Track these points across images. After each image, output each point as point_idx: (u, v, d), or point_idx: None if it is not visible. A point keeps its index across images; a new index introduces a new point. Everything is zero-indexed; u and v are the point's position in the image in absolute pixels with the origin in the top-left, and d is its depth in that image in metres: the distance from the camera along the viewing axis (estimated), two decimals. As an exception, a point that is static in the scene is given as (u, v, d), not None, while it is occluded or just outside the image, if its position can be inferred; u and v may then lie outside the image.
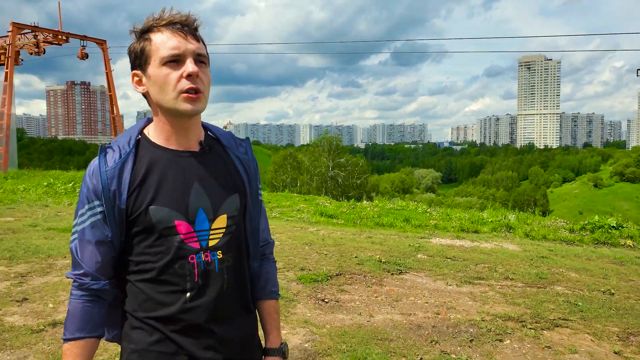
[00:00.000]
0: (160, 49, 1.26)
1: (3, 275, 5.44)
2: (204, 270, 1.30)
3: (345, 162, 46.39)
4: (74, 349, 1.29)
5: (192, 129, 1.34)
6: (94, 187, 1.28)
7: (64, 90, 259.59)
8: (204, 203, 1.31)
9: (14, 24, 27.29)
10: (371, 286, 5.48)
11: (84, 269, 1.31)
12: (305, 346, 3.80)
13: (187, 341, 1.30)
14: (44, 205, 11.68)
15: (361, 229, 9.56)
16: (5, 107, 26.44)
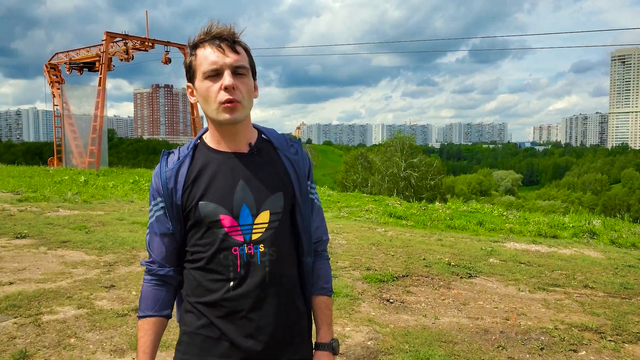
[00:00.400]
0: (202, 64, 1.38)
1: (94, 264, 5.96)
2: (246, 262, 1.39)
3: (418, 162, 45.50)
4: (144, 325, 1.47)
5: (240, 133, 1.45)
6: (157, 185, 1.46)
7: (149, 93, 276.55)
8: (248, 199, 1.41)
9: (107, 33, 29.56)
10: (438, 289, 5.40)
11: (152, 257, 1.49)
12: (368, 344, 3.84)
13: (229, 328, 1.40)
14: (130, 201, 12.57)
15: (431, 231, 9.40)
16: (99, 110, 28.70)
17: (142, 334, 1.46)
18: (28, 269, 5.59)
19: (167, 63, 32.27)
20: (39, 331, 3.86)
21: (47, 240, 7.11)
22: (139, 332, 1.47)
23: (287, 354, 1.46)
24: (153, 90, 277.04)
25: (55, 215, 9.57)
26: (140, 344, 1.46)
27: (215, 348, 1.41)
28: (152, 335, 1.46)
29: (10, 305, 4.38)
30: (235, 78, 1.37)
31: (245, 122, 1.45)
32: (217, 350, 1.41)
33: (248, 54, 1.44)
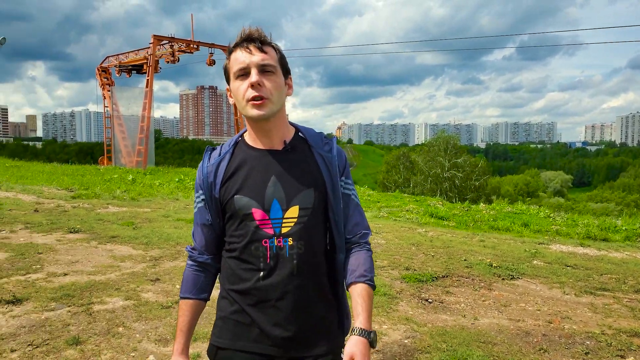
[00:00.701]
0: (233, 66, 1.47)
1: (141, 258, 6.20)
2: (275, 254, 1.46)
3: (462, 162, 44.52)
4: (183, 305, 1.60)
5: (273, 130, 1.51)
6: (199, 179, 1.57)
7: (195, 95, 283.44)
8: (279, 195, 1.48)
9: (154, 37, 30.56)
10: (479, 290, 5.32)
11: (194, 245, 1.62)
12: (405, 342, 3.83)
13: (258, 315, 1.48)
14: (175, 198, 12.97)
15: (474, 232, 9.23)
16: (146, 110, 29.71)
17: (181, 314, 1.60)
18: (80, 262, 5.88)
19: (211, 65, 33.01)
20: (90, 319, 4.07)
21: (98, 235, 7.45)
22: (179, 311, 1.61)
23: (314, 344, 1.50)
24: (198, 91, 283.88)
25: (105, 211, 10.00)
26: (179, 322, 1.59)
27: (246, 333, 1.50)
28: (189, 315, 1.59)
29: (64, 294, 4.63)
30: (262, 76, 1.44)
31: (278, 119, 1.51)
32: (248, 335, 1.50)
33: (278, 53, 1.51)
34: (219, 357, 1.53)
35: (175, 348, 1.58)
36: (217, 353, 1.54)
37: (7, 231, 7.50)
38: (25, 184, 15.13)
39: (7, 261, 5.74)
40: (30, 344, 3.57)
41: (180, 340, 1.58)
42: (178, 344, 1.58)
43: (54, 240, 7.02)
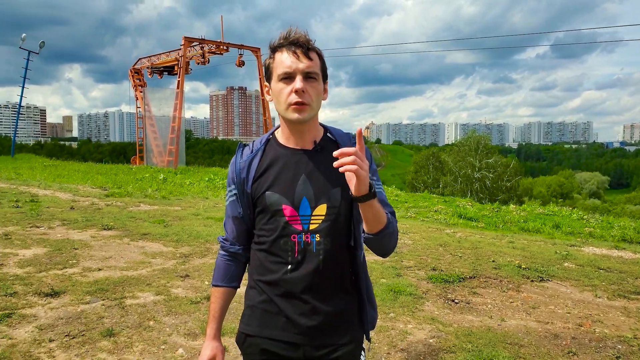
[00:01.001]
0: (278, 67, 1.51)
1: (171, 255, 6.36)
2: (303, 249, 1.54)
3: (493, 162, 43.75)
4: (216, 293, 1.70)
5: (306, 131, 1.58)
6: (232, 174, 1.64)
7: (224, 95, 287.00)
8: (308, 193, 1.54)
9: (185, 38, 31.11)
10: (506, 291, 5.25)
11: (226, 236, 1.71)
12: (430, 342, 3.83)
13: (286, 305, 1.56)
14: (205, 197, 13.20)
15: (503, 233, 9.10)
16: (177, 111, 30.29)
17: (213, 300, 1.70)
18: (113, 258, 6.08)
19: (240, 66, 33.40)
20: (123, 313, 4.22)
21: (130, 232, 7.67)
22: (211, 298, 1.71)
23: (336, 334, 1.58)
24: (228, 92, 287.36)
25: (137, 209, 10.28)
26: (211, 309, 1.69)
27: (273, 322, 1.58)
28: (221, 302, 1.69)
29: (99, 288, 4.80)
30: (305, 82, 1.49)
31: (312, 121, 1.57)
32: (276, 324, 1.57)
33: (321, 60, 1.56)
34: (247, 343, 1.61)
35: (208, 333, 1.67)
36: (245, 340, 1.62)
37: (46, 227, 7.80)
38: (62, 182, 15.68)
39: (45, 256, 5.97)
40: (67, 335, 3.72)
41: (213, 326, 1.67)
42: (211, 329, 1.67)
43: (89, 236, 7.27)
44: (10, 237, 6.95)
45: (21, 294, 4.58)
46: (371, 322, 1.67)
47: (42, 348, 3.49)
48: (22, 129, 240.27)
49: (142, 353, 3.49)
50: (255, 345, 1.59)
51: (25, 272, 5.28)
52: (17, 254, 6.03)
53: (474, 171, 43.88)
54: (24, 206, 9.91)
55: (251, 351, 1.60)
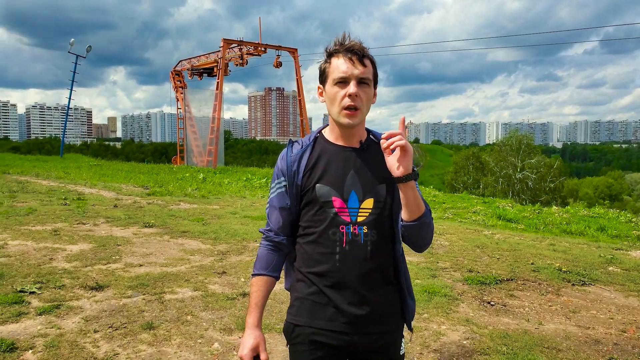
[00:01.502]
0: (334, 72, 1.61)
1: (209, 252, 6.52)
2: (351, 240, 1.61)
3: (536, 163, 42.52)
4: (258, 282, 1.73)
5: (355, 132, 1.68)
6: (282, 167, 1.72)
7: (262, 96, 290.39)
8: (356, 187, 1.64)
9: (224, 40, 31.67)
10: (545, 294, 5.13)
11: (270, 226, 1.75)
12: (464, 343, 3.79)
13: (335, 295, 1.62)
14: (243, 196, 13.43)
15: (543, 235, 8.86)
16: (216, 112, 30.88)
17: (255, 290, 1.72)
18: (154, 254, 6.29)
19: (278, 67, 33.72)
20: (162, 307, 4.37)
21: (170, 230, 7.91)
22: (252, 287, 1.74)
23: (382, 323, 1.65)
24: (266, 93, 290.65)
25: (177, 208, 10.57)
26: (253, 298, 1.72)
27: (323, 312, 1.64)
28: (263, 291, 1.72)
29: (140, 284, 4.98)
30: (358, 87, 1.59)
31: (361, 124, 1.68)
32: (325, 314, 1.63)
33: (373, 67, 1.66)
34: (296, 333, 1.67)
35: (250, 322, 1.69)
36: (294, 330, 1.68)
37: (91, 224, 8.14)
38: (106, 181, 16.28)
39: (91, 251, 6.25)
40: (111, 326, 3.89)
41: (255, 314, 1.70)
42: (252, 317, 1.69)
43: (131, 233, 7.54)
44: (59, 233, 7.30)
45: (69, 287, 4.82)
46: (411, 313, 1.74)
47: (87, 338, 3.67)
48: (70, 129, 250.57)
49: (180, 346, 3.61)
50: (304, 335, 1.64)
51: (72, 266, 5.53)
52: (65, 249, 6.33)
53: (515, 172, 42.80)
54: (71, 204, 10.37)
55: (300, 340, 1.65)
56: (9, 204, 10.03)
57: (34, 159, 29.68)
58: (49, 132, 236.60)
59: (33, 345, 3.49)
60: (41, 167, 21.67)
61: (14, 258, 5.76)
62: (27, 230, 7.44)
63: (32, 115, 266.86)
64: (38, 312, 4.11)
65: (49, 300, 4.39)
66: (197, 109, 35.02)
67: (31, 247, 6.33)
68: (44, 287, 4.74)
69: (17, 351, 3.39)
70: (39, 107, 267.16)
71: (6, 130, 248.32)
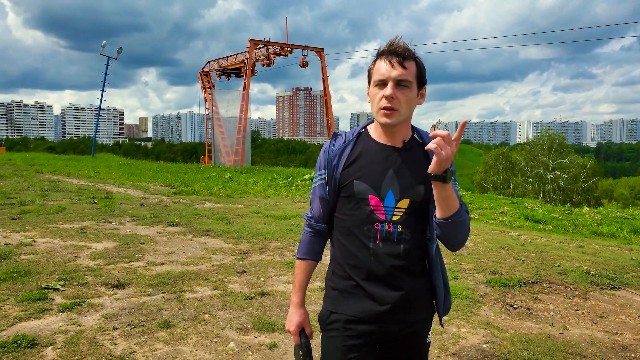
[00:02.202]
0: (375, 74, 1.67)
1: (230, 251, 6.56)
2: (385, 237, 1.68)
3: (569, 162, 41.39)
4: (302, 265, 1.88)
5: (397, 131, 1.71)
6: (323, 160, 1.79)
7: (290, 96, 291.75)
8: (394, 186, 1.68)
9: (251, 41, 31.93)
10: (572, 298, 4.96)
11: (312, 214, 1.87)
12: (484, 347, 3.69)
13: (370, 287, 1.70)
14: (267, 196, 13.49)
15: (572, 237, 8.59)
16: (243, 112, 31.15)
17: (299, 272, 1.88)
18: (176, 253, 6.36)
19: (304, 67, 33.80)
20: (180, 306, 4.40)
21: (194, 229, 7.99)
22: (296, 269, 1.89)
23: (412, 312, 1.73)
24: (293, 93, 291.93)
25: (202, 207, 10.69)
26: (297, 280, 1.88)
27: (358, 301, 1.72)
28: (306, 274, 1.88)
29: (160, 282, 5.04)
30: (396, 89, 1.63)
31: (403, 124, 1.71)
32: (360, 304, 1.72)
33: (418, 68, 1.68)
34: (332, 319, 1.76)
35: (295, 301, 1.86)
36: (330, 316, 1.77)
37: (117, 223, 8.30)
38: (135, 180, 16.60)
39: (114, 249, 6.36)
40: (129, 324, 3.94)
41: (300, 294, 1.86)
42: (297, 297, 1.86)
43: (155, 232, 7.65)
44: (86, 231, 7.47)
45: (91, 284, 4.91)
46: (446, 306, 1.81)
47: (106, 335, 3.72)
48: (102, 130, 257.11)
49: (196, 345, 3.63)
50: (339, 322, 1.73)
51: (96, 264, 5.64)
52: (90, 247, 6.46)
53: (547, 171, 41.78)
54: (99, 202, 10.60)
55: (335, 327, 1.74)
56: (40, 202, 10.33)
57: (67, 158, 30.52)
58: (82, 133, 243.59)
59: (53, 342, 3.57)
60: (73, 166, 22.26)
61: (40, 255, 5.92)
62: (56, 228, 7.64)
63: (67, 116, 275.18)
64: (60, 308, 4.20)
65: (72, 297, 4.48)
66: (225, 109, 35.43)
67: (58, 245, 6.49)
68: (68, 284, 4.85)
69: (37, 347, 3.47)
70: (73, 108, 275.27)
71: (43, 130, 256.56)
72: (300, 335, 1.84)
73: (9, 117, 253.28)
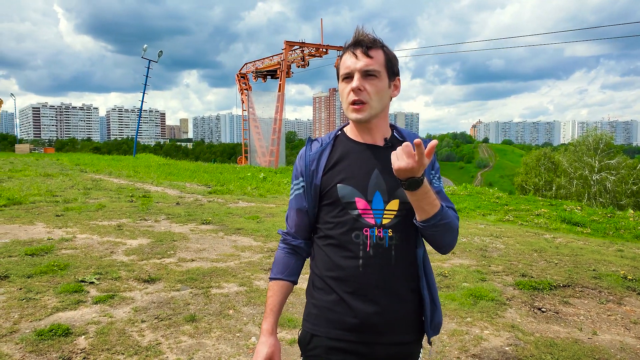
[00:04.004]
0: (341, 68, 1.57)
1: (259, 249, 6.68)
2: (375, 243, 1.51)
3: (616, 164, 39.76)
4: (274, 286, 1.66)
5: (375, 128, 1.59)
6: (300, 167, 1.64)
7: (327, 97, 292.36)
8: (381, 187, 1.53)
9: (286, 42, 32.24)
10: (605, 303, 4.80)
11: (287, 229, 1.70)
12: (506, 349, 3.63)
13: (355, 303, 1.51)
14: (300, 196, 13.58)
15: (612, 240, 8.28)
16: (278, 113, 31.48)
17: (272, 294, 1.66)
18: (207, 250, 6.53)
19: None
20: (207, 301, 4.53)
21: (225, 227, 8.17)
22: (269, 291, 1.67)
23: (403, 332, 1.56)
24: (330, 93, 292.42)
25: (235, 206, 10.89)
26: (269, 303, 1.65)
27: (342, 320, 1.54)
28: (279, 296, 1.65)
29: (189, 278, 5.20)
30: (364, 80, 1.51)
31: (380, 119, 1.59)
32: (345, 322, 1.53)
33: (386, 56, 1.56)
34: (313, 344, 1.57)
35: (265, 328, 1.61)
36: (311, 340, 1.58)
37: (152, 220, 8.58)
38: (172, 180, 17.06)
39: (148, 246, 6.59)
40: (157, 317, 4.09)
41: (270, 320, 1.62)
42: (268, 323, 1.62)
43: (188, 230, 7.86)
44: (122, 228, 7.76)
45: (124, 278, 5.11)
46: (435, 324, 1.61)
47: (134, 327, 3.88)
48: (144, 131, 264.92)
49: (219, 339, 3.73)
50: (321, 347, 1.55)
51: (130, 259, 5.87)
52: (125, 243, 6.72)
53: (592, 172, 40.28)
54: (137, 201, 10.98)
55: (317, 352, 1.56)
56: (82, 200, 10.79)
57: (110, 158, 31.67)
58: (126, 134, 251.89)
59: (86, 332, 3.75)
60: (115, 166, 23.08)
61: (79, 250, 6.20)
62: (95, 225, 7.97)
63: (111, 117, 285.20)
64: (94, 301, 4.41)
65: (105, 291, 4.69)
66: (261, 110, 35.90)
67: (96, 241, 6.78)
68: (102, 278, 5.06)
69: (71, 336, 3.65)
70: (117, 110, 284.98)
71: (89, 131, 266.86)
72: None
73: (59, 119, 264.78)
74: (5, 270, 5.17)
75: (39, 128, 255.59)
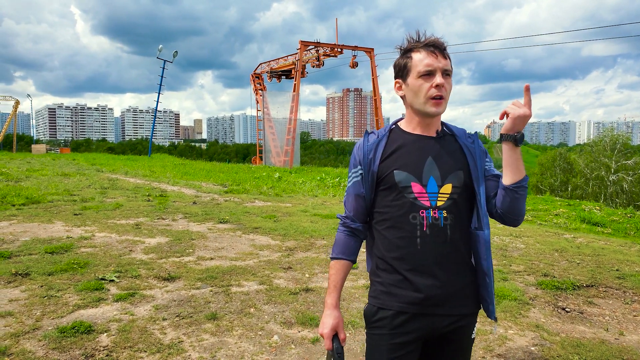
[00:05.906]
0: (418, 65, 1.69)
1: (277, 248, 6.67)
2: (431, 223, 1.66)
3: (633, 164, 39.18)
4: (336, 265, 1.82)
5: (433, 122, 1.75)
6: (358, 156, 1.80)
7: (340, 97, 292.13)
8: (435, 172, 1.69)
9: (301, 42, 32.25)
10: (630, 304, 4.70)
11: (347, 213, 1.84)
12: (532, 349, 3.57)
13: (416, 279, 1.66)
14: (314, 195, 13.58)
15: (634, 240, 8.13)
16: (293, 113, 31.51)
17: (334, 272, 1.81)
18: (225, 249, 6.53)
19: (354, 67, 33.77)
20: (227, 299, 4.53)
21: (243, 226, 8.18)
22: (331, 270, 1.83)
23: (460, 304, 1.70)
24: (344, 94, 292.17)
25: (251, 205, 10.91)
26: (332, 280, 1.81)
27: (405, 296, 1.68)
28: (341, 273, 1.81)
29: (209, 276, 5.20)
30: (443, 78, 1.67)
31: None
32: (407, 297, 1.68)
33: (450, 60, 1.74)
34: (378, 316, 1.72)
35: (330, 302, 1.79)
36: (377, 312, 1.73)
37: (170, 219, 8.63)
38: (188, 179, 17.15)
39: (167, 245, 6.62)
40: (178, 315, 4.10)
41: (334, 295, 1.79)
42: (332, 298, 1.79)
43: (206, 229, 7.89)
44: (140, 227, 7.81)
45: (144, 277, 5.13)
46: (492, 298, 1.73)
47: (156, 325, 3.89)
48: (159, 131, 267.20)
49: (241, 337, 3.72)
50: (385, 318, 1.70)
51: (149, 258, 5.90)
52: (144, 241, 6.76)
53: (609, 173, 39.71)
54: (154, 200, 11.05)
55: (381, 324, 1.71)
56: (99, 199, 10.89)
57: (125, 158, 31.96)
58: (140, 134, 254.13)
59: (108, 329, 3.76)
60: (130, 166, 23.29)
61: (98, 249, 6.25)
62: (113, 223, 8.03)
63: (126, 118, 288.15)
64: (115, 298, 4.43)
65: (126, 289, 4.71)
66: (276, 110, 35.96)
67: (114, 239, 6.83)
68: (122, 276, 5.09)
69: (93, 333, 3.67)
70: (132, 111, 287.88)
71: (104, 132, 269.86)
72: (333, 340, 1.76)
73: (74, 119, 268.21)
74: (26, 268, 5.23)
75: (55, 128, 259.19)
